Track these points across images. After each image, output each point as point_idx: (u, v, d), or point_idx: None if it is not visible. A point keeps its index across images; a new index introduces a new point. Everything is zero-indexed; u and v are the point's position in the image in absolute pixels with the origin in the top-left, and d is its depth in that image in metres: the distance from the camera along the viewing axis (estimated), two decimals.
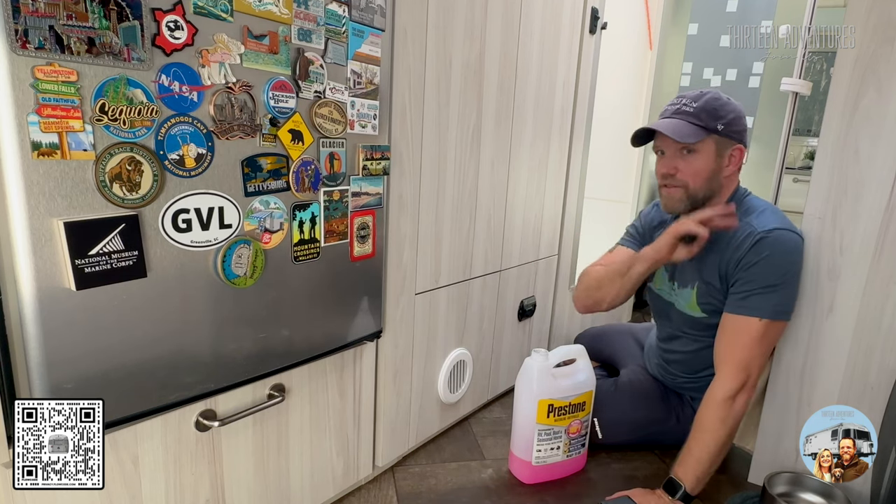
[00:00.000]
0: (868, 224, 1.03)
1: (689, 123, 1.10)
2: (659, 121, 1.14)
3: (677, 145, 1.12)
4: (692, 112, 1.11)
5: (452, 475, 1.24)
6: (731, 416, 1.08)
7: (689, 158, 1.12)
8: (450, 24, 1.10)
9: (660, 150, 1.17)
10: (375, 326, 1.06)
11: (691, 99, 1.12)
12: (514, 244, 1.50)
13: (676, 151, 1.13)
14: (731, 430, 1.08)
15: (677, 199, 1.16)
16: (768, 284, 1.08)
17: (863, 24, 0.99)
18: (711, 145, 1.11)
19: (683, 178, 1.13)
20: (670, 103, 1.17)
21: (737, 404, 1.08)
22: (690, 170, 1.12)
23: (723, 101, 1.12)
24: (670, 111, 1.15)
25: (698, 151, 1.11)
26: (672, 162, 1.14)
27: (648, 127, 1.14)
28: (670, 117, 1.13)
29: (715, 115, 1.10)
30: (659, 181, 1.19)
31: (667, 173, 1.15)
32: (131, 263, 0.66)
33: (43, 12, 0.55)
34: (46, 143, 0.57)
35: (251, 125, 0.75)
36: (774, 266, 1.07)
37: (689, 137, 1.09)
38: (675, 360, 1.35)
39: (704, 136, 1.10)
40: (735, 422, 1.09)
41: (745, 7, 2.31)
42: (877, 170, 1.01)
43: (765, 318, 1.07)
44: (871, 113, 1.00)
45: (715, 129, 1.10)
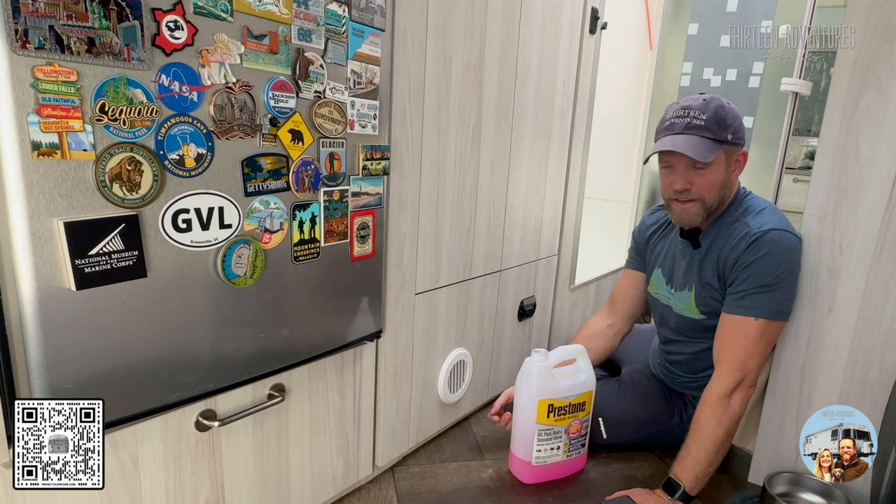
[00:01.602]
0: (868, 224, 1.03)
1: (704, 139, 1.08)
2: (672, 138, 1.10)
3: (690, 160, 1.09)
4: (703, 125, 1.08)
5: (452, 475, 1.24)
6: (727, 415, 1.08)
7: (704, 172, 1.11)
8: (450, 24, 1.10)
9: (667, 165, 1.15)
10: (375, 326, 1.06)
11: (699, 110, 1.09)
12: (514, 244, 1.50)
13: (688, 167, 1.11)
14: (728, 428, 1.08)
15: (694, 213, 1.14)
16: (765, 284, 1.08)
17: (863, 24, 0.99)
18: (723, 156, 1.11)
19: (699, 192, 1.12)
20: (676, 115, 1.12)
21: (733, 403, 1.08)
22: (706, 183, 1.11)
23: (726, 108, 1.11)
24: (680, 125, 1.10)
25: (712, 164, 1.10)
26: (686, 177, 1.11)
27: (668, 149, 1.09)
28: (682, 133, 1.10)
29: (724, 125, 1.09)
30: (670, 196, 1.16)
31: (682, 189, 1.12)
32: (131, 263, 0.66)
33: (43, 12, 0.55)
34: (46, 143, 0.57)
35: (251, 125, 0.75)
36: (771, 266, 1.07)
37: (708, 155, 1.07)
38: (677, 362, 1.35)
39: (719, 150, 1.09)
40: (732, 420, 1.09)
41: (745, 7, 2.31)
42: (877, 170, 1.01)
43: (761, 317, 1.08)
44: (871, 113, 1.00)
45: (726, 140, 1.09)
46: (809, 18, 1.73)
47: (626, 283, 1.46)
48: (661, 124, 1.16)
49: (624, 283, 1.47)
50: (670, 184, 1.15)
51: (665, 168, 1.16)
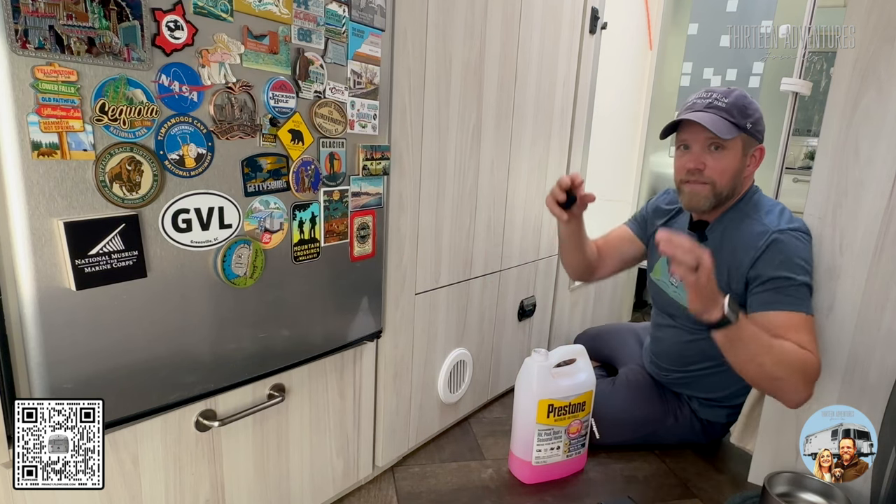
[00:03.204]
0: (868, 224, 1.03)
1: (723, 119, 1.08)
2: (693, 113, 1.10)
3: (706, 141, 1.10)
4: (724, 108, 1.08)
5: (452, 475, 1.24)
6: (799, 352, 0.97)
7: (718, 155, 1.10)
8: (450, 24, 1.10)
9: (683, 145, 1.14)
10: (375, 326, 1.06)
11: (721, 94, 1.10)
12: (514, 244, 1.50)
13: (704, 147, 1.11)
14: (783, 358, 0.96)
15: (703, 196, 1.13)
16: (790, 280, 1.04)
17: (863, 24, 0.99)
18: (739, 143, 1.10)
19: (711, 175, 1.11)
20: (699, 96, 1.13)
21: (810, 359, 0.98)
22: (719, 167, 1.10)
23: (749, 99, 1.11)
24: (701, 104, 1.11)
25: (728, 149, 1.09)
26: (700, 157, 1.11)
27: (685, 118, 1.09)
28: (703, 111, 1.10)
29: (745, 113, 1.09)
30: (682, 177, 1.15)
31: (694, 168, 1.11)
32: (131, 263, 0.66)
33: (43, 12, 0.55)
34: (46, 143, 0.57)
35: (251, 125, 0.75)
36: (792, 263, 1.05)
37: (726, 133, 1.06)
38: (662, 352, 1.34)
39: (737, 133, 1.08)
40: (796, 362, 0.96)
41: (745, 7, 2.31)
42: (877, 170, 1.01)
43: (808, 313, 1.03)
44: (871, 113, 1.00)
45: (745, 128, 1.09)
46: (809, 18, 1.73)
47: (617, 239, 1.42)
48: (682, 107, 1.16)
49: (615, 237, 1.43)
50: (684, 165, 1.14)
51: (680, 149, 1.16)
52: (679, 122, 1.13)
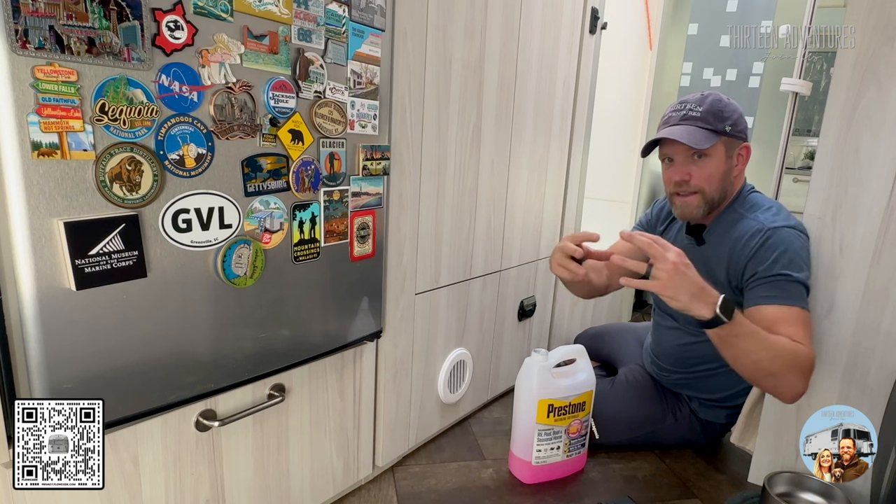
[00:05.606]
0: (868, 224, 1.03)
1: (699, 128, 1.09)
2: (669, 128, 1.12)
3: (688, 151, 1.11)
4: (699, 116, 1.10)
5: (452, 475, 1.24)
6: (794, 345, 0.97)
7: (701, 163, 1.11)
8: (450, 24, 1.10)
9: (667, 158, 1.16)
10: (375, 326, 1.06)
11: (695, 103, 1.11)
12: (514, 244, 1.50)
13: (687, 158, 1.12)
14: (778, 353, 0.95)
15: (694, 206, 1.14)
16: (785, 276, 1.04)
17: (863, 24, 0.99)
18: (721, 148, 1.11)
19: (698, 184, 1.12)
20: (673, 109, 1.15)
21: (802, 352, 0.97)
22: (704, 174, 1.12)
23: (724, 101, 1.12)
24: (676, 118, 1.13)
25: (710, 155, 1.11)
26: (684, 168, 1.12)
27: (661, 136, 1.12)
28: (678, 124, 1.12)
29: (721, 117, 1.10)
30: (671, 189, 1.17)
31: (681, 180, 1.13)
32: (131, 263, 0.66)
33: (43, 12, 0.55)
34: (46, 143, 0.57)
35: (251, 125, 0.75)
36: (787, 259, 1.05)
37: (703, 143, 1.08)
38: (663, 353, 1.34)
39: (716, 139, 1.09)
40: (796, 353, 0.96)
41: (745, 7, 2.31)
42: (877, 170, 1.01)
43: (802, 307, 1.02)
44: (871, 113, 1.00)
45: (723, 131, 1.09)
46: (809, 18, 1.73)
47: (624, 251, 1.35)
48: (660, 121, 1.17)
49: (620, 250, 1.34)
50: (670, 177, 1.16)
51: (666, 163, 1.17)
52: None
